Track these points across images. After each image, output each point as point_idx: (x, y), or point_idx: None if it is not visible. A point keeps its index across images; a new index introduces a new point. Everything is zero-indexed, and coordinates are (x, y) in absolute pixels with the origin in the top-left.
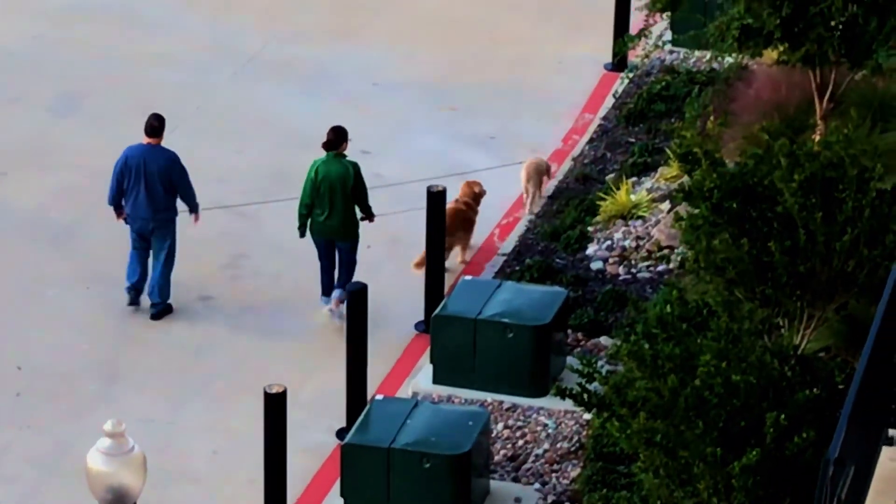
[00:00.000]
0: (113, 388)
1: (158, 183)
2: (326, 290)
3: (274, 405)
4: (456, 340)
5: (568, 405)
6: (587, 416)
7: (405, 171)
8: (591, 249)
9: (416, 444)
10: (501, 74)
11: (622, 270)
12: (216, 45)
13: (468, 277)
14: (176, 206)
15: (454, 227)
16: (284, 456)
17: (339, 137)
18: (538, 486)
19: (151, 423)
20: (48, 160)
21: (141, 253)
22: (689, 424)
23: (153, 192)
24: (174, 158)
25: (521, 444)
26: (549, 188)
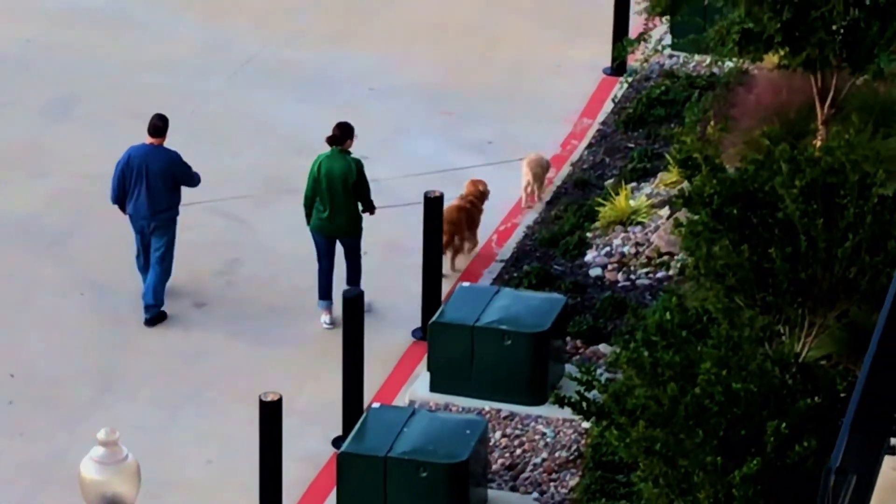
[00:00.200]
0: (107, 395)
1: (160, 183)
2: (324, 293)
3: (269, 413)
4: (453, 348)
5: (566, 413)
6: (586, 424)
7: (402, 176)
8: (589, 256)
9: (412, 452)
10: (499, 79)
11: (621, 277)
12: (211, 49)
13: (466, 284)
14: (178, 205)
15: (460, 223)
16: (280, 465)
17: (344, 133)
18: (536, 495)
19: (145, 431)
20: (41, 165)
21: (146, 262)
22: (689, 433)
23: (154, 191)
24: (176, 158)
25: (519, 452)
26: (547, 194)
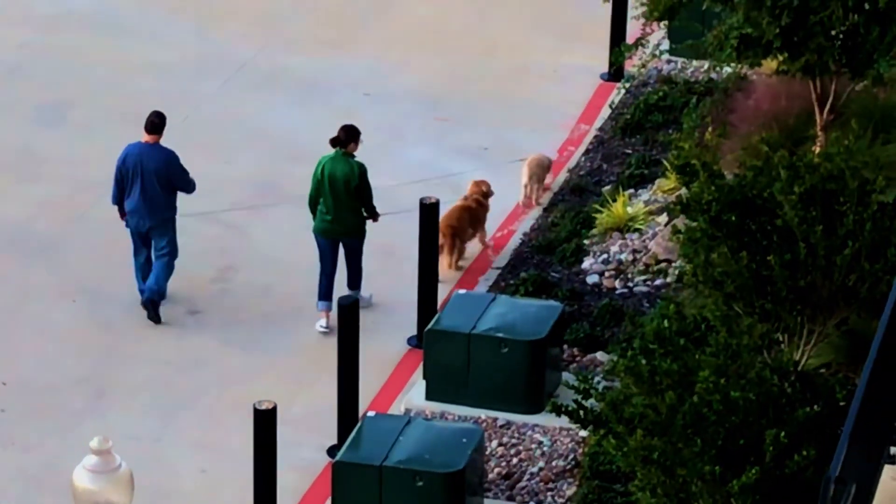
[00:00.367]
0: (99, 403)
1: (155, 182)
2: (324, 294)
3: (264, 422)
4: (449, 355)
5: (563, 422)
6: (583, 433)
7: (397, 182)
8: (587, 263)
9: (408, 461)
10: (495, 84)
11: (619, 284)
12: (205, 54)
13: (462, 291)
14: (175, 205)
15: (463, 224)
16: (274, 473)
17: (349, 136)
18: None
19: (139, 439)
20: (33, 171)
21: (143, 264)
22: (687, 442)
23: (150, 190)
24: (172, 158)
25: (515, 461)
26: (544, 200)
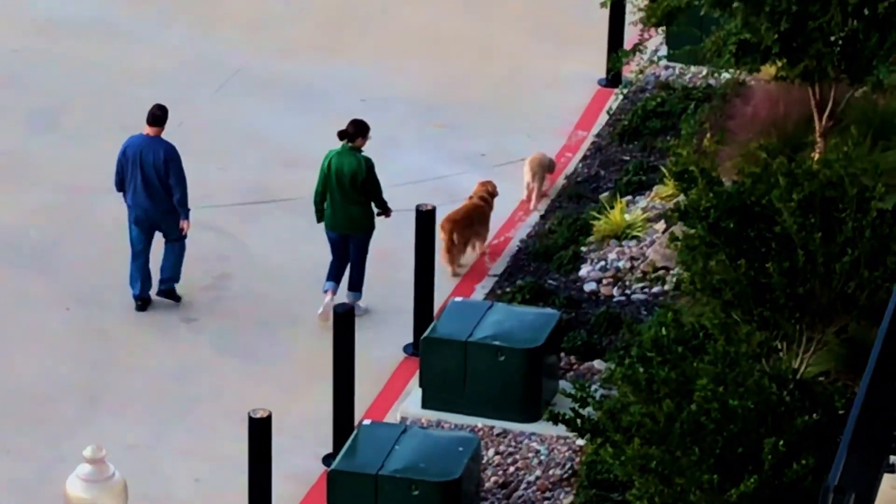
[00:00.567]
0: (93, 412)
1: (154, 175)
2: (333, 276)
3: (259, 430)
4: (446, 364)
5: (560, 431)
6: (580, 441)
7: (394, 188)
8: (584, 270)
9: (404, 470)
10: (492, 90)
11: (616, 292)
12: (199, 60)
13: (458, 299)
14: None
15: (469, 221)
16: (269, 482)
17: (357, 130)
18: None
19: (133, 448)
20: (26, 177)
21: (142, 262)
22: (685, 450)
23: (150, 183)
24: (170, 152)
25: (512, 470)
26: (541, 206)
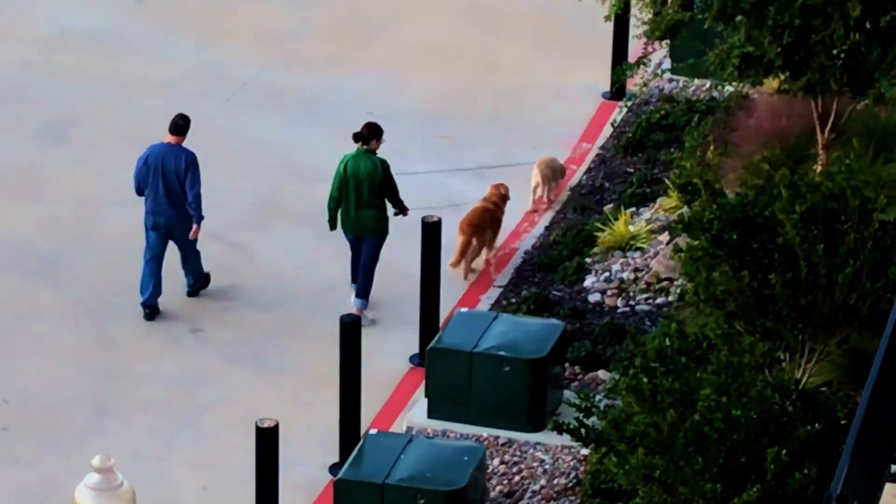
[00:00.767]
0: (101, 421)
1: (176, 182)
2: (356, 276)
3: (266, 439)
4: (451, 374)
5: (565, 440)
6: (585, 451)
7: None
8: (588, 281)
9: (410, 479)
10: (497, 103)
11: (620, 303)
12: (207, 72)
13: (464, 310)
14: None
15: (483, 225)
16: (276, 491)
17: (371, 133)
18: None
19: (141, 457)
20: (35, 189)
21: (155, 267)
22: (688, 460)
23: (171, 189)
24: (191, 159)
25: (517, 479)
26: (545, 218)
